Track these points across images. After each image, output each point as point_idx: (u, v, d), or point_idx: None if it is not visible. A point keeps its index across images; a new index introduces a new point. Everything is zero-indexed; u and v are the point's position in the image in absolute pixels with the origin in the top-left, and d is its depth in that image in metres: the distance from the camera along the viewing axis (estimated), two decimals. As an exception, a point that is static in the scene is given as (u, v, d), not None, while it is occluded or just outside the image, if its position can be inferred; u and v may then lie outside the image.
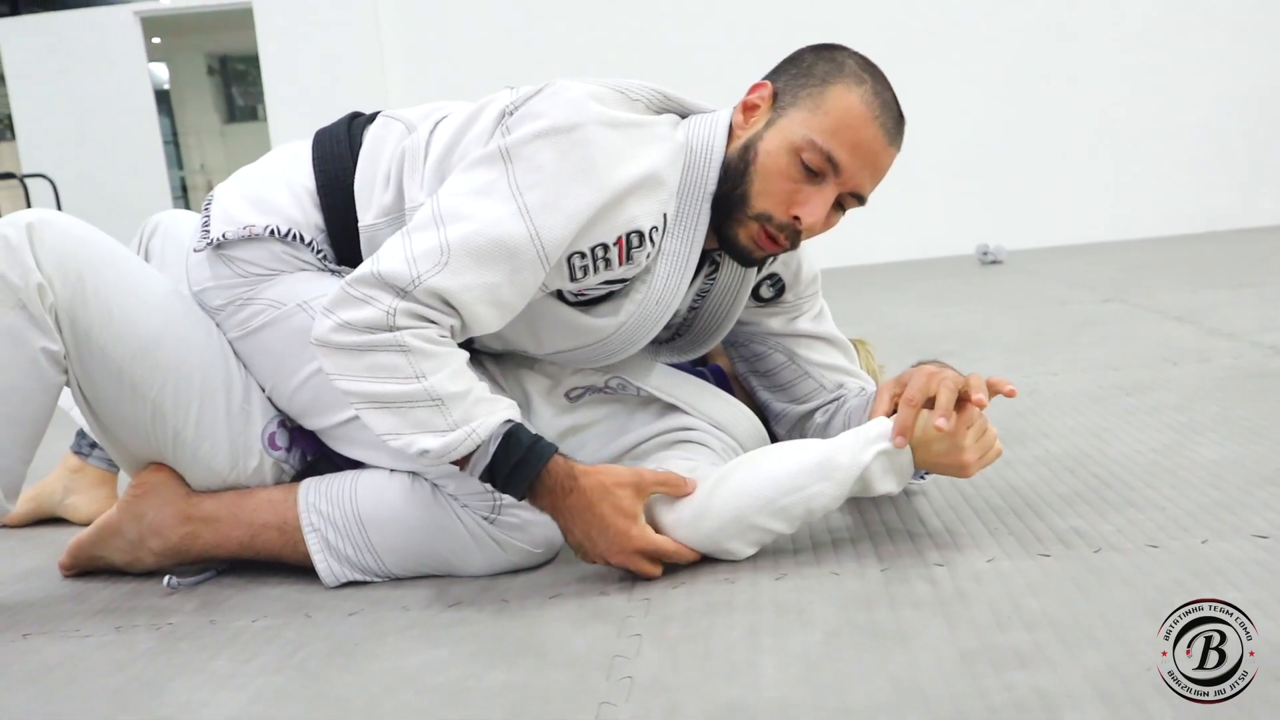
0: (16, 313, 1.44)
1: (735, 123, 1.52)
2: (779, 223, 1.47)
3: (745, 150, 1.49)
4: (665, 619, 1.32)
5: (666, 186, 1.45)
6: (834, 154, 1.44)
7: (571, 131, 1.38)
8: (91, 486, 1.97)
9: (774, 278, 1.70)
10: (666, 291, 1.53)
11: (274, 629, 1.41)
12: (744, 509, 1.43)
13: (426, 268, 1.35)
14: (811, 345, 1.75)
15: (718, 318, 1.70)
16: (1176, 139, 5.62)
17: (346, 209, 1.56)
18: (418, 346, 1.36)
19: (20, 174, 7.18)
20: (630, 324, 1.54)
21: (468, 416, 1.37)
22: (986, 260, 5.10)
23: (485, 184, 1.39)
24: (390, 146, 1.57)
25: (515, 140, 1.40)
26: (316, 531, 1.54)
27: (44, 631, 1.47)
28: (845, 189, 1.47)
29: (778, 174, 1.46)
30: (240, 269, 1.56)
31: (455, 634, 1.34)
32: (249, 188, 1.61)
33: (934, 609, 1.27)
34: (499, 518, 1.49)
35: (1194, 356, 2.57)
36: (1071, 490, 1.66)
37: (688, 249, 1.52)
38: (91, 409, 1.55)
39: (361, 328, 1.35)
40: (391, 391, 1.36)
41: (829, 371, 1.75)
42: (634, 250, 1.44)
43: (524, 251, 1.37)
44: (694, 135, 1.51)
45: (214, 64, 12.13)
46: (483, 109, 1.54)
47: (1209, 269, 4.18)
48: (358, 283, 1.37)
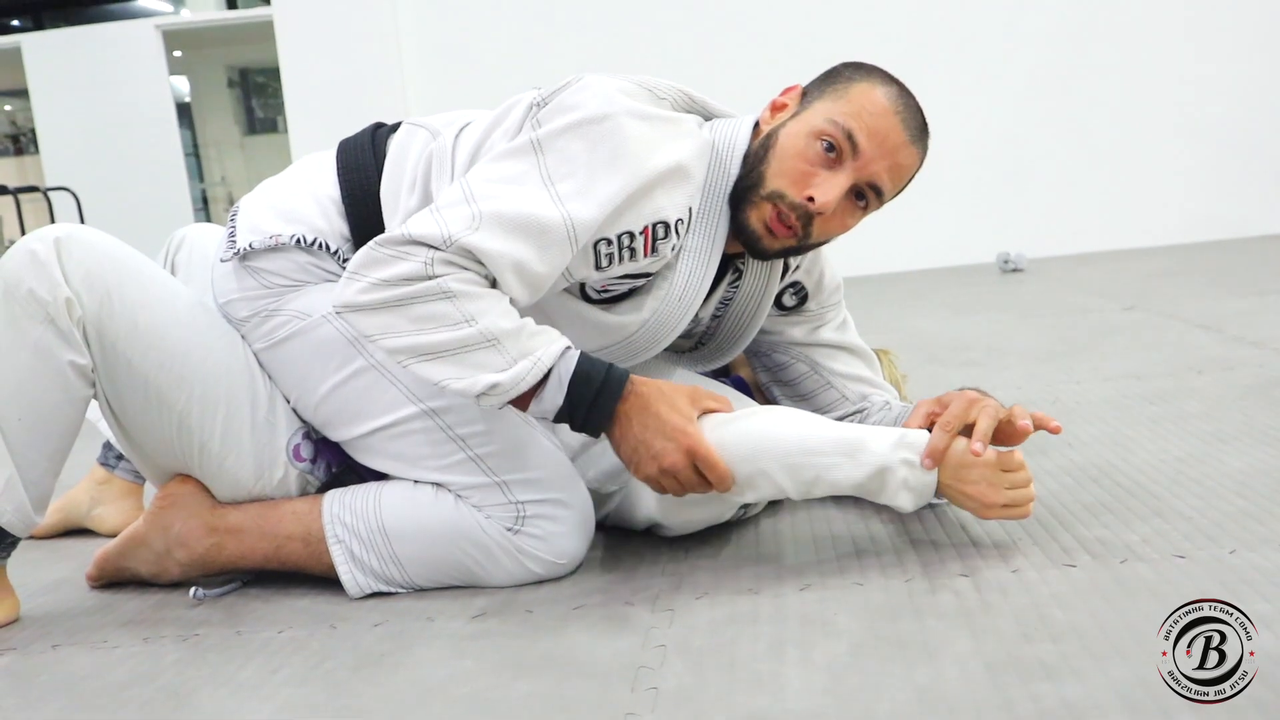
0: (45, 327, 1.46)
1: (762, 119, 1.55)
2: (791, 202, 1.47)
3: (766, 139, 1.51)
4: (689, 630, 1.32)
5: (693, 180, 1.46)
6: (853, 133, 1.45)
7: (603, 121, 1.39)
8: (118, 498, 1.98)
9: (796, 285, 1.71)
10: (689, 289, 1.54)
11: (300, 640, 1.42)
12: (759, 450, 1.43)
13: (459, 229, 1.35)
14: (834, 355, 1.75)
15: (741, 325, 1.70)
16: (1198, 146, 5.59)
17: (372, 218, 1.57)
18: (462, 290, 1.35)
19: (44, 187, 7.24)
20: (653, 321, 1.55)
21: (526, 349, 1.37)
22: (1007, 268, 5.08)
23: (518, 173, 1.40)
24: (415, 153, 1.58)
25: (547, 132, 1.41)
26: (341, 543, 1.54)
27: (72, 643, 1.48)
28: (862, 176, 1.48)
29: (795, 155, 1.47)
30: (266, 280, 1.57)
31: (480, 645, 1.35)
32: (274, 198, 1.62)
33: (959, 620, 1.27)
34: (521, 529, 1.50)
35: (1218, 365, 2.56)
36: (1096, 500, 1.66)
37: (709, 246, 1.53)
38: (118, 421, 1.56)
39: (398, 281, 1.34)
40: (443, 339, 1.35)
41: (852, 382, 1.75)
42: (659, 241, 1.45)
43: (554, 229, 1.37)
44: (719, 135, 1.53)
45: (234, 76, 12.20)
46: (510, 109, 1.55)
47: (1232, 277, 4.16)
48: (387, 243, 1.36)
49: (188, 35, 9.32)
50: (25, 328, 1.46)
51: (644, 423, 1.42)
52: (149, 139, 7.42)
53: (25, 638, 1.52)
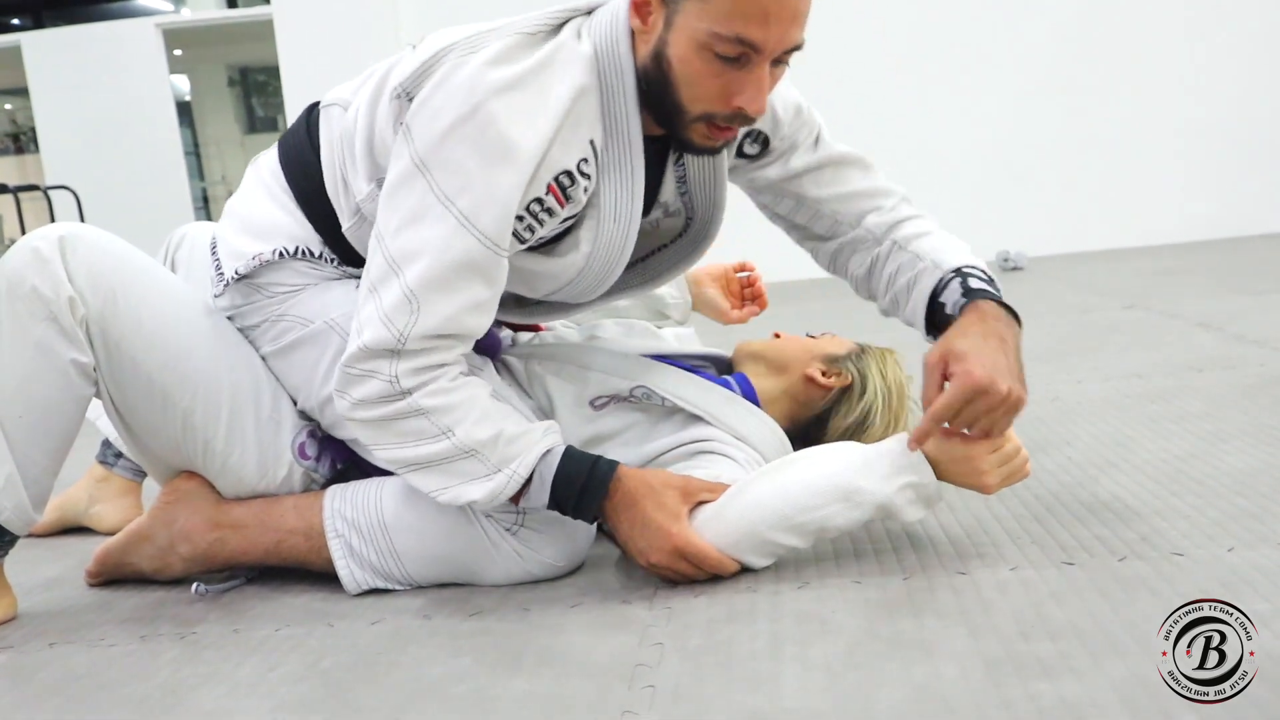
0: (47, 325, 1.46)
1: (634, 27, 1.42)
2: (724, 116, 1.41)
3: (657, 60, 1.40)
4: (687, 628, 1.32)
5: (585, 117, 1.41)
6: (744, 36, 1.32)
7: (474, 116, 1.34)
8: (116, 496, 1.98)
9: (753, 134, 1.63)
10: (621, 207, 1.49)
11: (298, 638, 1.42)
12: (759, 523, 1.43)
13: (403, 322, 1.36)
14: (817, 179, 1.67)
15: (709, 198, 1.63)
16: (1198, 145, 5.59)
17: (331, 215, 1.56)
18: (434, 405, 1.39)
19: (44, 185, 7.24)
20: (598, 251, 1.51)
21: (506, 457, 1.41)
22: (1007, 267, 5.08)
23: (415, 207, 1.37)
24: (335, 140, 1.55)
25: (425, 146, 1.37)
26: (340, 538, 1.54)
27: (70, 640, 1.48)
28: (775, 53, 1.36)
29: (699, 75, 1.37)
30: (268, 291, 1.58)
31: (477, 643, 1.34)
32: (244, 219, 1.62)
33: (957, 618, 1.26)
34: (521, 529, 1.50)
35: (1219, 363, 2.55)
36: (1095, 498, 1.65)
37: (627, 156, 1.47)
38: (123, 419, 1.56)
39: (375, 401, 1.39)
40: (425, 453, 1.41)
41: (842, 203, 1.68)
42: (569, 189, 1.41)
43: (479, 257, 1.37)
44: (599, 40, 1.43)
45: (234, 75, 12.21)
46: (386, 80, 1.49)
47: (1233, 275, 4.16)
48: (353, 361, 1.39)
49: (188, 34, 9.32)
50: (28, 325, 1.46)
51: (631, 519, 1.44)
52: (149, 138, 7.41)
53: (23, 635, 1.52)
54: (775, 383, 1.77)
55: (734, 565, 1.45)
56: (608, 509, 1.44)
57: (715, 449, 1.61)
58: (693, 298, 2.12)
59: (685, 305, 2.11)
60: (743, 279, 2.14)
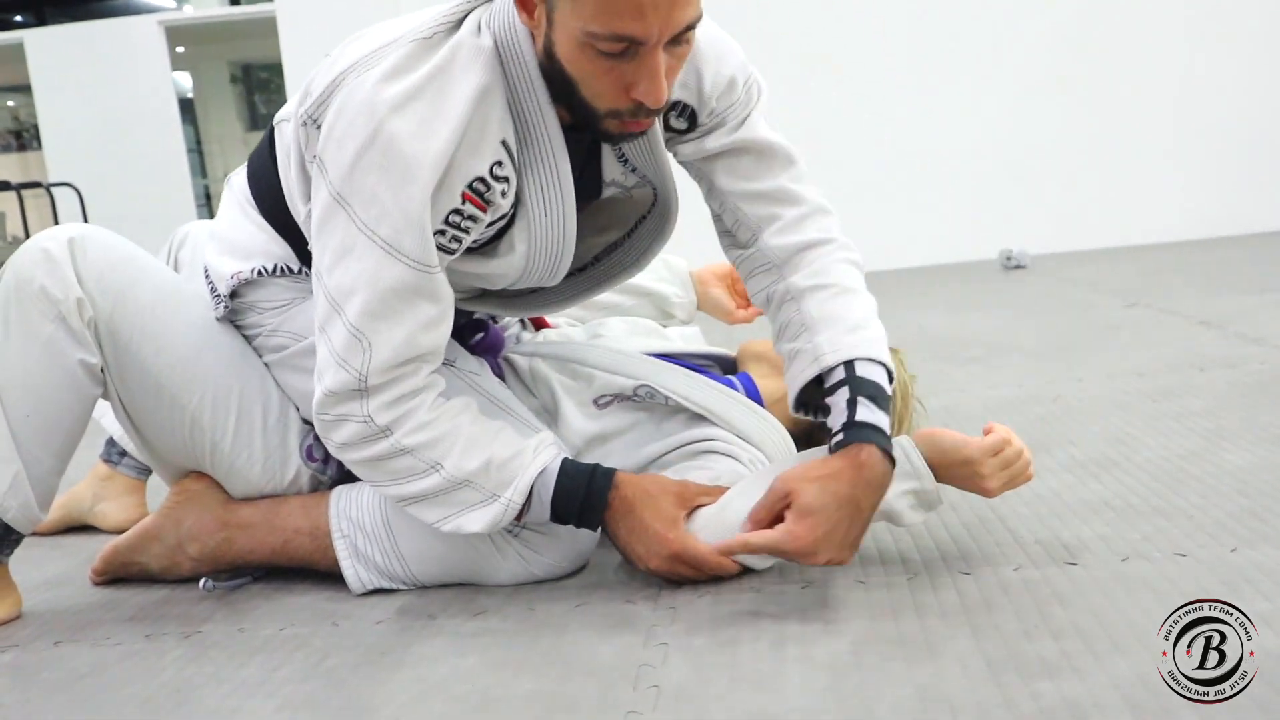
0: (56, 325, 1.47)
1: (524, 21, 1.34)
2: (629, 110, 1.33)
3: (550, 58, 1.33)
4: (691, 628, 1.32)
5: (492, 117, 1.36)
6: (620, 32, 1.24)
7: (375, 139, 1.30)
8: (120, 494, 1.99)
9: (679, 106, 1.50)
10: (551, 201, 1.44)
11: (302, 637, 1.42)
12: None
13: (358, 361, 1.35)
14: (731, 167, 1.54)
15: (655, 171, 1.54)
16: (1199, 143, 5.58)
17: (300, 233, 1.53)
18: (417, 442, 1.39)
19: (46, 182, 7.24)
20: (537, 247, 1.47)
21: (501, 482, 1.41)
22: (1010, 265, 5.07)
23: (343, 240, 1.34)
24: (282, 158, 1.53)
25: (337, 179, 1.33)
26: (345, 538, 1.55)
27: (74, 639, 1.49)
28: (665, 38, 1.26)
29: (591, 74, 1.30)
30: (258, 308, 1.59)
31: (482, 643, 1.35)
32: (225, 241, 1.62)
33: (960, 618, 1.27)
34: (524, 530, 1.50)
35: (1220, 362, 2.56)
36: (1098, 498, 1.66)
37: (548, 150, 1.42)
38: (131, 420, 1.57)
39: (358, 444, 1.39)
40: (420, 489, 1.41)
41: (747, 201, 1.54)
42: (485, 194, 1.38)
43: (413, 280, 1.34)
44: (498, 32, 1.37)
45: (237, 72, 12.20)
46: (308, 89, 1.44)
47: (1234, 273, 4.15)
48: (323, 408, 1.39)
49: (191, 31, 9.33)
50: (36, 325, 1.47)
51: (629, 527, 1.44)
52: (152, 135, 7.42)
53: (27, 635, 1.52)
54: (779, 383, 1.75)
55: (734, 567, 1.44)
56: (606, 518, 1.45)
57: (719, 448, 1.61)
58: (698, 297, 2.12)
59: (690, 305, 2.11)
60: None
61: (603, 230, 1.64)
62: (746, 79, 1.52)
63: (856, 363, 1.43)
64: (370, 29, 1.44)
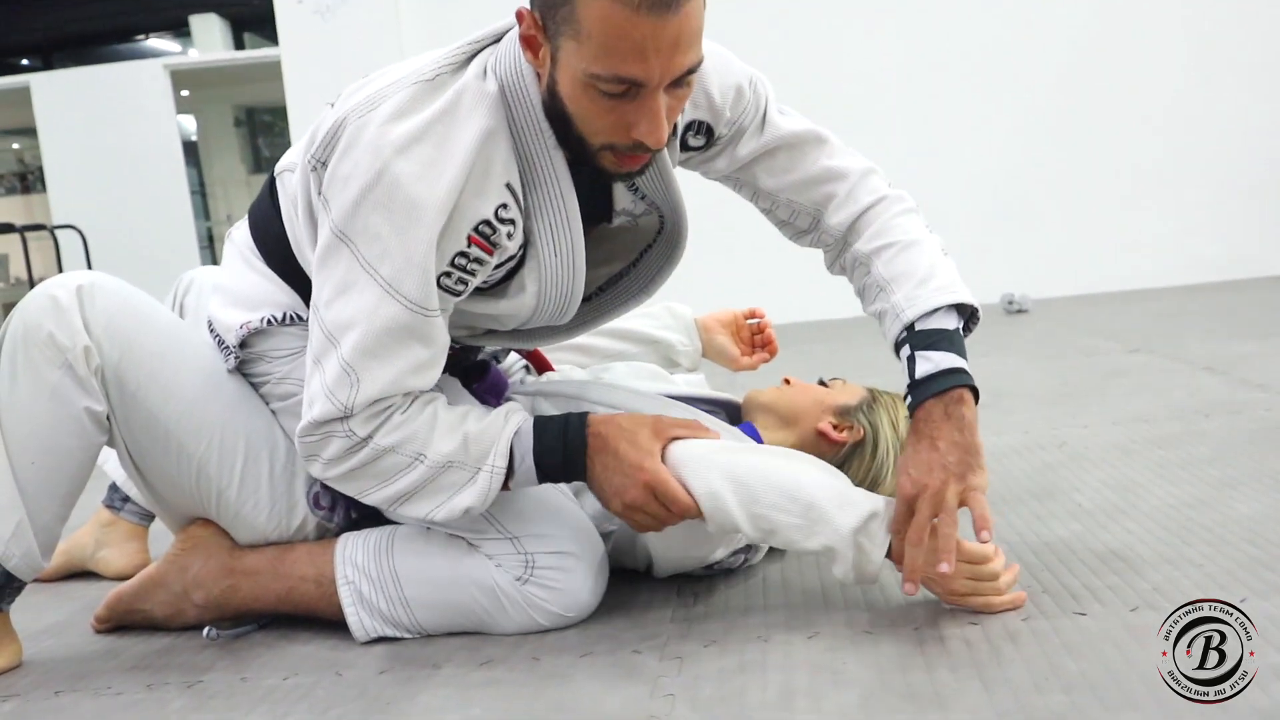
0: (62, 372, 1.47)
1: (529, 60, 1.37)
2: (626, 146, 1.35)
3: (553, 96, 1.36)
4: (698, 679, 1.31)
5: (496, 161, 1.38)
6: (623, 74, 1.26)
7: (380, 180, 1.32)
8: (123, 540, 1.98)
9: (695, 125, 1.55)
10: (559, 242, 1.46)
11: (305, 687, 1.41)
12: (725, 491, 1.41)
13: (344, 394, 1.37)
14: (769, 167, 1.60)
15: (665, 198, 1.57)
16: (1202, 186, 5.60)
17: (308, 280, 1.52)
18: (395, 441, 1.40)
19: (50, 225, 7.27)
20: (547, 287, 1.49)
21: (480, 455, 1.42)
22: (1012, 309, 5.08)
23: (344, 277, 1.36)
24: (288, 207, 1.54)
25: (341, 217, 1.35)
26: (350, 585, 1.54)
27: (75, 689, 1.47)
28: (666, 81, 1.29)
29: (592, 112, 1.32)
30: (268, 357, 1.59)
31: (487, 694, 1.34)
32: (230, 293, 1.62)
33: (970, 670, 1.26)
34: (531, 579, 1.49)
35: (1225, 408, 2.55)
36: (1105, 546, 1.65)
37: (555, 192, 1.44)
38: (137, 467, 1.57)
39: (342, 456, 1.41)
40: (407, 484, 1.42)
41: (797, 192, 1.61)
42: (493, 236, 1.39)
43: (409, 322, 1.36)
44: (504, 76, 1.40)
45: (241, 115, 12.26)
46: (313, 136, 1.46)
47: (1237, 318, 4.16)
48: (306, 434, 1.41)
49: (195, 75, 9.37)
50: (43, 372, 1.47)
51: (604, 463, 1.43)
52: (156, 177, 7.46)
53: (28, 684, 1.51)
54: (785, 435, 1.75)
55: (696, 511, 1.43)
56: (585, 459, 1.44)
57: None
58: (703, 344, 2.12)
59: (695, 352, 2.11)
60: (752, 325, 2.14)
61: (607, 261, 1.66)
62: (751, 82, 1.57)
63: (916, 330, 1.50)
64: (372, 75, 1.46)
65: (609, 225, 1.60)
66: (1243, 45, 5.54)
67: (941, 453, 1.42)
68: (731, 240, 4.49)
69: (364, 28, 5.99)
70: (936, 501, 1.39)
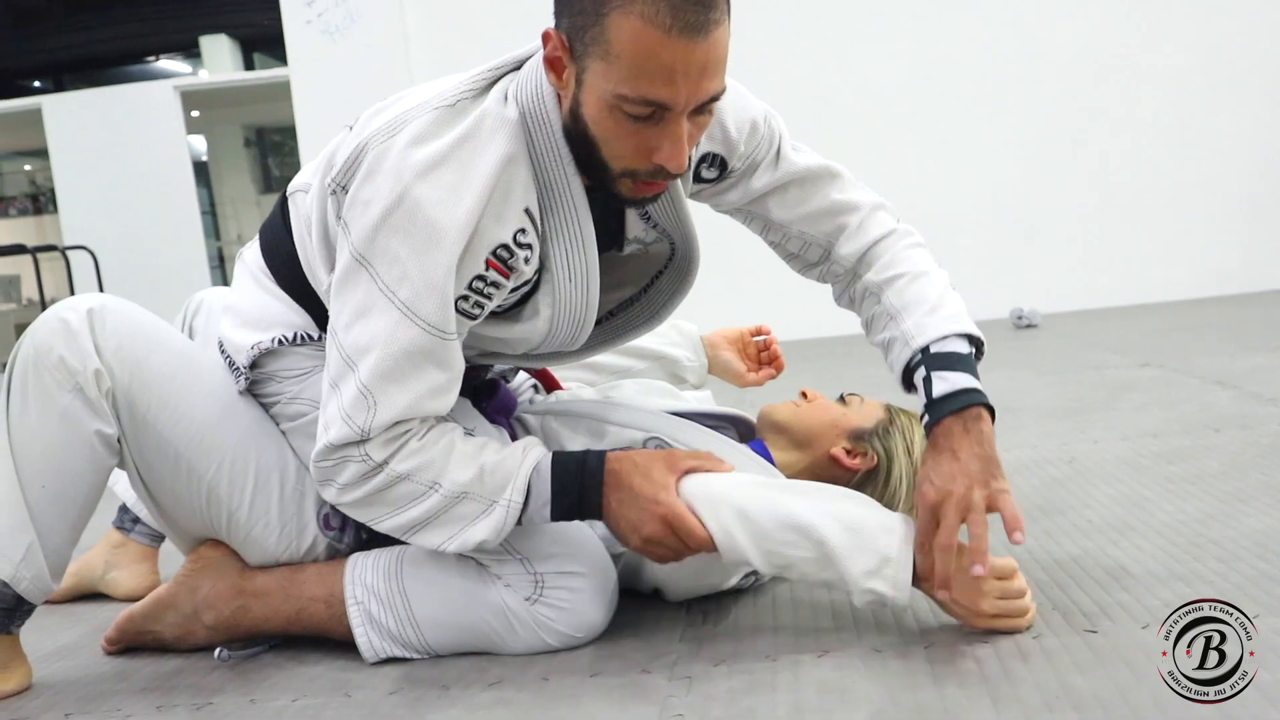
0: (73, 396, 1.48)
1: (552, 82, 1.38)
2: (647, 172, 1.37)
3: (575, 119, 1.37)
4: (707, 699, 1.31)
5: (516, 186, 1.39)
6: (650, 97, 1.28)
7: (401, 204, 1.34)
8: (133, 562, 1.98)
9: (709, 157, 1.57)
10: (575, 265, 1.47)
11: (314, 708, 1.41)
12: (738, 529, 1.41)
13: (362, 418, 1.37)
14: (781, 200, 1.62)
15: (677, 227, 1.59)
16: (1211, 200, 5.59)
17: (320, 300, 1.55)
18: (412, 467, 1.41)
19: (62, 245, 7.29)
20: (561, 312, 1.50)
21: (496, 488, 1.42)
22: (1021, 324, 5.07)
23: (362, 300, 1.37)
24: (300, 228, 1.55)
25: (360, 240, 1.37)
26: (359, 605, 1.54)
27: (86, 711, 1.47)
28: (690, 106, 1.31)
29: (615, 135, 1.34)
30: (279, 377, 1.59)
31: (496, 714, 1.33)
32: (241, 314, 1.62)
33: (980, 688, 1.25)
34: (540, 599, 1.49)
35: (1235, 423, 2.54)
36: (1115, 563, 1.64)
37: (573, 218, 1.45)
38: (147, 489, 1.57)
39: (357, 482, 1.41)
40: (420, 512, 1.43)
41: (809, 224, 1.63)
42: (510, 261, 1.40)
43: (426, 345, 1.37)
44: (525, 102, 1.41)
45: (251, 136, 12.32)
46: (330, 167, 1.47)
47: (1247, 332, 4.15)
48: (322, 458, 1.41)
49: (206, 95, 9.42)
50: (54, 396, 1.47)
51: (620, 499, 1.43)
52: (167, 198, 7.47)
53: (38, 706, 1.51)
54: (798, 457, 1.74)
55: (713, 546, 1.43)
56: (601, 497, 1.44)
57: None
58: (709, 361, 2.12)
59: (701, 368, 2.11)
60: (759, 342, 2.14)
61: (618, 286, 1.66)
62: (765, 118, 1.59)
63: (931, 353, 1.51)
64: (390, 98, 1.47)
65: (619, 253, 1.60)
66: (1250, 59, 5.53)
67: (963, 462, 1.42)
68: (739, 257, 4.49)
69: (372, 48, 6.02)
70: (964, 505, 1.38)
